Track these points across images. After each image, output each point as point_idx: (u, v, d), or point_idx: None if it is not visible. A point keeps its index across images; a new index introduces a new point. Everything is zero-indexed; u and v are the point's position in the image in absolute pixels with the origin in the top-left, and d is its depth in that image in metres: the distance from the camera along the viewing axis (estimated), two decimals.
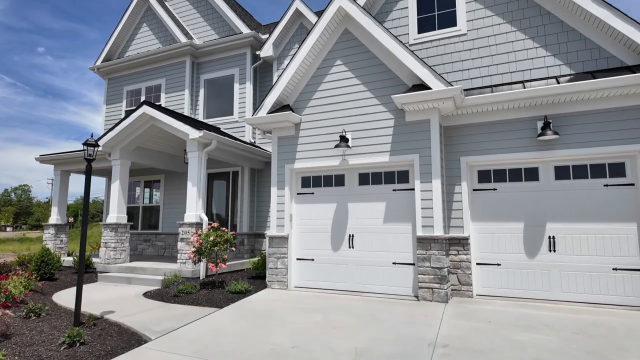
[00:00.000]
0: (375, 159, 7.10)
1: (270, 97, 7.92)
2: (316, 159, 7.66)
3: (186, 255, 8.67)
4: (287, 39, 11.70)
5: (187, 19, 13.36)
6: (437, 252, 6.44)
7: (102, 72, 14.21)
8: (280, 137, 8.05)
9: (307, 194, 7.89)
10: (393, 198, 7.10)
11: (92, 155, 5.45)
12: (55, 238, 11.94)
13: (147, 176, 13.14)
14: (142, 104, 9.51)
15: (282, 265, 7.66)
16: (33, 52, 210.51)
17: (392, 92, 7.04)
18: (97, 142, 5.50)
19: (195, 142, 9.07)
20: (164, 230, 12.67)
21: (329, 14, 7.51)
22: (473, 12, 7.39)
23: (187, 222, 8.84)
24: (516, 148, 6.70)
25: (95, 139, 5.54)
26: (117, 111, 13.86)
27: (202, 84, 12.73)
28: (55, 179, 12.40)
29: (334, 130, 7.53)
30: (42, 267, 8.66)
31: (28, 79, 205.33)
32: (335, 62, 7.72)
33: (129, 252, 10.30)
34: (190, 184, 9.10)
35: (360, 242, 7.28)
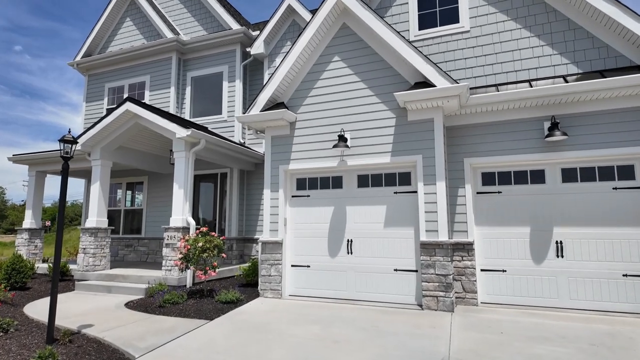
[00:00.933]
0: (376, 160, 6.74)
1: (263, 94, 7.49)
2: (312, 159, 7.25)
3: (172, 262, 8.12)
4: (279, 36, 11.29)
5: (174, 14, 12.81)
6: (442, 258, 6.11)
7: (82, 68, 13.50)
8: (274, 137, 7.62)
9: (302, 197, 7.47)
10: (394, 201, 6.75)
11: (69, 153, 4.92)
12: (29, 243, 11.18)
13: (130, 178, 12.48)
14: (126, 101, 8.94)
15: (275, 273, 7.20)
16: (9, 51, 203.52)
17: (393, 90, 6.70)
18: (75, 139, 4.97)
19: (183, 141, 8.55)
20: (147, 235, 12.03)
21: (327, 6, 7.14)
22: (476, 9, 7.14)
23: (173, 226, 8.30)
24: (522, 149, 6.44)
25: (73, 136, 5.00)
26: (98, 109, 13.17)
27: (188, 82, 12.18)
28: (30, 181, 11.64)
29: (331, 130, 7.15)
30: (13, 276, 7.97)
31: (4, 78, 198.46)
32: (332, 58, 7.35)
33: (110, 259, 9.66)
34: (177, 185, 8.57)
35: (359, 248, 6.89)
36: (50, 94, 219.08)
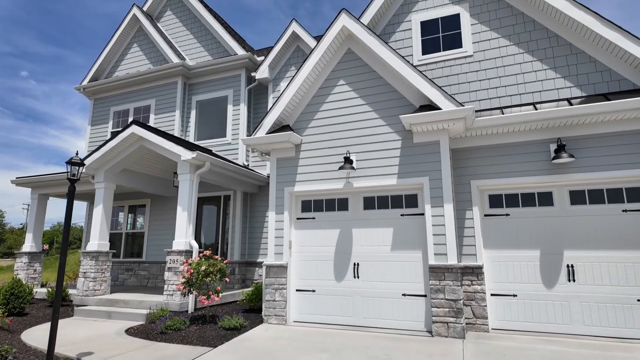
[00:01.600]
0: (382, 182, 6.71)
1: (269, 116, 7.54)
2: (318, 181, 7.22)
3: (174, 287, 7.96)
4: (283, 62, 11.50)
5: (180, 40, 13.11)
6: (451, 282, 5.97)
7: (88, 92, 13.70)
8: (279, 159, 7.62)
9: (307, 219, 7.39)
10: (401, 223, 6.67)
11: (75, 175, 4.89)
12: (28, 267, 11.00)
13: (132, 200, 12.42)
14: (132, 124, 9.00)
15: (280, 298, 7.03)
16: (16, 76, 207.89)
17: (398, 113, 6.75)
18: (82, 161, 4.96)
19: (187, 164, 8.55)
20: (148, 259, 11.86)
21: (332, 33, 7.29)
22: (478, 34, 7.29)
23: (176, 249, 8.18)
24: (528, 171, 6.42)
25: (80, 158, 4.99)
26: (103, 132, 13.26)
27: (193, 105, 12.32)
28: (32, 203, 11.57)
29: (337, 152, 7.15)
30: (12, 301, 7.79)
31: (9, 102, 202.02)
32: (338, 82, 7.44)
33: (110, 283, 9.47)
34: (180, 208, 8.51)
35: (366, 272, 6.76)
36: (53, 118, 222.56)
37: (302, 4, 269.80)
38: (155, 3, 13.65)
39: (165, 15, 13.62)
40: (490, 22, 7.24)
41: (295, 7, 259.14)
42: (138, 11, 13.29)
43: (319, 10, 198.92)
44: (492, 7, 7.29)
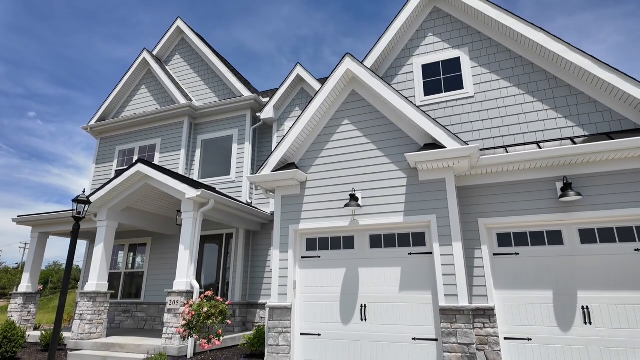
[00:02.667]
0: (388, 220, 6.64)
1: (275, 155, 7.62)
2: (323, 219, 7.16)
3: (173, 329, 7.66)
4: (288, 102, 11.80)
5: (187, 82, 13.53)
6: (463, 325, 5.74)
7: (95, 132, 13.94)
8: (285, 196, 7.60)
9: (312, 258, 7.25)
10: (409, 263, 6.53)
11: (81, 213, 4.85)
12: (22, 309, 10.66)
13: (132, 239, 12.26)
14: (137, 162, 9.07)
15: (284, 342, 6.74)
16: (23, 117, 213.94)
17: (403, 151, 6.82)
18: (88, 198, 4.94)
19: (192, 201, 8.52)
20: (146, 300, 11.51)
21: (337, 75, 7.53)
22: (479, 76, 7.52)
23: (177, 290, 7.95)
24: (535, 210, 6.38)
25: (86, 196, 4.97)
26: (107, 171, 13.35)
27: (198, 144, 12.50)
28: (32, 242, 11.42)
29: (342, 189, 7.15)
30: (4, 345, 7.46)
31: (16, 142, 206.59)
32: (342, 122, 7.59)
33: (106, 325, 9.12)
34: (183, 247, 8.37)
35: (373, 314, 6.52)
36: (56, 157, 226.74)
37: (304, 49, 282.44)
38: (165, 47, 14.24)
39: (173, 58, 14.16)
40: (490, 64, 7.51)
41: (297, 52, 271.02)
42: (148, 55, 13.84)
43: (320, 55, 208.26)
44: (491, 51, 7.58)
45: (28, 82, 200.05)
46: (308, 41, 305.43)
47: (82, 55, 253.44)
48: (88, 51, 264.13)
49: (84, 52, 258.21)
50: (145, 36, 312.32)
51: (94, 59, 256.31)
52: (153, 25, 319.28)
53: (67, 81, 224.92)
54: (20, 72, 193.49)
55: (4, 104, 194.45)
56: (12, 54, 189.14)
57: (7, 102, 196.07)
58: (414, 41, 8.37)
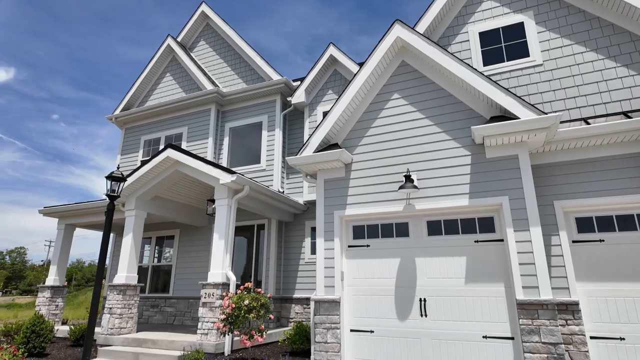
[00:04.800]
0: (450, 203, 5.88)
1: (316, 135, 6.94)
2: (372, 204, 6.45)
3: (210, 324, 7.09)
4: (320, 86, 11.11)
5: (213, 68, 12.99)
6: (547, 321, 4.95)
7: (120, 122, 13.56)
8: (328, 180, 6.92)
9: (360, 247, 6.55)
10: (475, 252, 5.75)
11: (115, 192, 4.28)
12: (50, 303, 10.32)
13: (160, 231, 11.81)
14: (167, 147, 8.54)
15: (333, 339, 6.07)
16: (47, 119, 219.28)
17: (465, 125, 6.05)
18: (124, 175, 4.36)
19: (225, 188, 7.94)
20: (175, 294, 11.04)
21: (385, 45, 6.79)
22: (547, 42, 6.66)
23: (212, 282, 7.39)
24: (621, 190, 5.52)
25: (121, 172, 4.40)
26: (133, 161, 12.94)
27: (226, 132, 11.94)
28: (58, 234, 11.09)
29: (393, 170, 6.42)
30: (32, 339, 7.03)
31: (40, 144, 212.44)
32: (391, 96, 6.84)
33: (137, 320, 8.65)
34: (217, 236, 7.80)
35: (435, 309, 5.78)
36: (79, 158, 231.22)
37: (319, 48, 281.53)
38: (189, 34, 13.73)
39: (198, 45, 13.64)
40: (560, 28, 6.63)
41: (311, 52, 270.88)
42: (172, 41, 13.35)
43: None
44: (561, 14, 6.71)
45: (51, 86, 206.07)
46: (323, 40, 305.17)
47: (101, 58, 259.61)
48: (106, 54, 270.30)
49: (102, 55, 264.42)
50: (162, 38, 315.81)
51: (112, 62, 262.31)
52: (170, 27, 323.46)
53: (87, 84, 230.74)
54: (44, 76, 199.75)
55: (30, 107, 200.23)
56: (36, 59, 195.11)
57: (33, 105, 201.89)
58: (468, 7, 7.54)
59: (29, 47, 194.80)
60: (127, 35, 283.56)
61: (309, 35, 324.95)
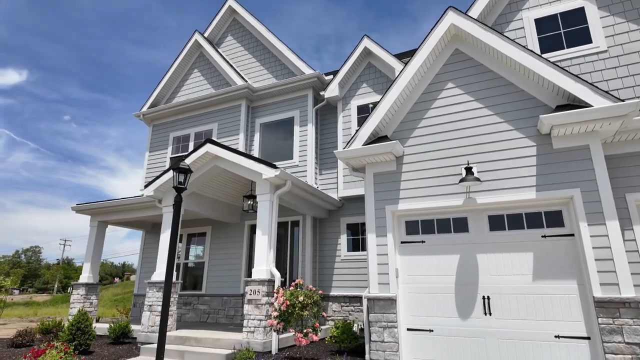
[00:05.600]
0: (515, 197, 5.61)
1: (366, 127, 6.71)
2: (427, 198, 6.20)
3: (256, 322, 6.93)
4: (354, 79, 10.88)
5: (241, 63, 12.84)
6: (631, 321, 4.66)
7: (147, 119, 13.50)
8: (377, 174, 6.69)
9: (415, 243, 6.31)
10: (543, 247, 5.47)
11: (182, 183, 4.12)
12: (84, 300, 10.29)
13: (191, 228, 11.71)
14: (206, 142, 8.40)
15: (390, 338, 5.84)
16: (59, 120, 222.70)
17: (530, 115, 5.76)
18: (189, 167, 4.19)
19: (267, 183, 7.76)
20: (208, 292, 10.93)
21: (438, 33, 6.53)
22: (612, 27, 6.34)
23: (257, 278, 7.21)
24: None
25: (187, 164, 4.24)
26: (161, 158, 12.87)
27: (257, 128, 11.78)
28: (91, 232, 11.04)
29: (450, 163, 6.17)
30: (78, 337, 6.94)
31: (51, 144, 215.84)
32: (445, 86, 6.58)
33: (176, 318, 8.53)
34: (260, 232, 7.63)
35: (500, 307, 5.52)
36: (90, 159, 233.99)
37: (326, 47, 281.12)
38: (216, 30, 13.60)
39: (225, 40, 13.50)
40: (626, 12, 6.31)
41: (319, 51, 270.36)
42: (200, 37, 13.24)
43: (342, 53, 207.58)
44: None
45: (62, 87, 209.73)
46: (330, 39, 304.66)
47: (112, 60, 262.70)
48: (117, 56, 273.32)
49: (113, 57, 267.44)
50: (171, 39, 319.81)
51: (122, 63, 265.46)
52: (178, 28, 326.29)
53: (98, 85, 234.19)
54: (55, 78, 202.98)
55: (42, 108, 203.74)
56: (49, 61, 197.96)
57: (44, 107, 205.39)
58: None
59: (41, 49, 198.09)
60: (135, 37, 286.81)
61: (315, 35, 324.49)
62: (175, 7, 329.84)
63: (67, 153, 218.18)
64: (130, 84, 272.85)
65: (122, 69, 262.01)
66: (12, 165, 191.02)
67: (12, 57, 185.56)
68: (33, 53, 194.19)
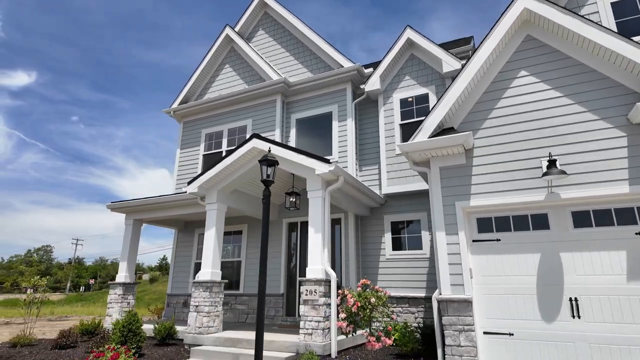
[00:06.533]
0: (604, 191, 5.22)
1: (432, 118, 6.36)
2: (502, 193, 5.83)
3: (314, 323, 6.62)
4: (395, 72, 10.51)
5: (274, 57, 12.53)
6: None
7: (177, 115, 13.27)
8: (444, 168, 6.33)
9: (488, 241, 5.94)
10: (638, 245, 5.07)
11: (270, 176, 3.81)
12: (122, 300, 10.08)
13: (227, 227, 11.29)
14: (252, 137, 8.11)
15: (467, 342, 5.49)
16: (67, 121, 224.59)
17: (616, 104, 5.37)
18: (276, 159, 3.89)
19: (319, 179, 7.45)
20: (246, 291, 10.67)
21: (509, 19, 6.16)
22: None
23: (313, 278, 6.90)
24: None
25: (273, 155, 3.92)
26: (193, 156, 12.62)
27: (292, 124, 11.47)
28: (126, 230, 10.84)
29: (526, 156, 5.79)
30: (129, 338, 6.69)
31: (60, 145, 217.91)
32: (518, 74, 6.20)
33: (222, 319, 8.26)
34: (313, 230, 7.32)
35: (590, 309, 5.13)
36: (98, 159, 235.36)
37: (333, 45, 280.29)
38: (247, 24, 13.31)
39: (256, 35, 13.21)
40: None
41: None
42: (231, 31, 12.97)
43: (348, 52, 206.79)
44: None
45: (71, 89, 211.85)
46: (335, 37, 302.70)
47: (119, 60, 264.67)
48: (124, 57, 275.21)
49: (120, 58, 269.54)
50: (177, 39, 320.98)
51: (129, 64, 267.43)
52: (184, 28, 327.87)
53: (105, 86, 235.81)
54: (64, 79, 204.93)
55: (50, 109, 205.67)
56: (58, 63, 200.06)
57: (52, 107, 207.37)
58: None
59: (49, 50, 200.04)
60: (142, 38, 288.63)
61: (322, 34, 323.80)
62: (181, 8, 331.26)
63: (74, 153, 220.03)
64: (136, 84, 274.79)
65: (128, 70, 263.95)
66: (22, 166, 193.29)
67: (21, 59, 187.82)
68: (41, 55, 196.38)
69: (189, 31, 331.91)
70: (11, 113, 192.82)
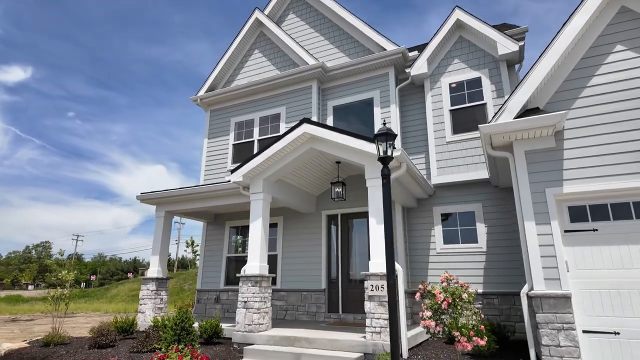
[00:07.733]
0: None
1: (515, 98, 5.81)
2: (600, 179, 5.30)
3: (382, 321, 6.11)
4: (443, 54, 9.92)
5: (307, 41, 11.92)
6: None
7: (204, 103, 12.68)
8: (530, 152, 5.78)
9: (584, 232, 5.41)
10: None
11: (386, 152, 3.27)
12: (155, 296, 9.56)
13: None
14: (302, 122, 7.55)
15: (567, 342, 4.97)
16: (63, 117, 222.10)
17: None
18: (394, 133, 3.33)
19: (380, 166, 6.87)
20: (283, 287, 10.15)
21: None
22: None
23: (378, 272, 6.40)
24: None
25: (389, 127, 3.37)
26: (222, 145, 12.05)
27: (329, 111, 10.91)
28: (158, 222, 10.28)
29: (629, 137, 5.26)
30: (183, 337, 6.17)
31: (56, 141, 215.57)
32: (612, 49, 5.64)
33: (271, 315, 7.74)
34: (375, 220, 6.80)
35: None
36: (94, 155, 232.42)
37: None
38: (276, 8, 12.68)
39: (287, 19, 12.60)
40: None
41: None
42: (261, 14, 12.35)
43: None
44: None
45: (68, 84, 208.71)
46: None
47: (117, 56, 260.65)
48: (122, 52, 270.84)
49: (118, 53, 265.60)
50: (176, 35, 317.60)
51: (128, 60, 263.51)
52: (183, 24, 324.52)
53: (103, 82, 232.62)
54: (61, 75, 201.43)
55: (46, 105, 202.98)
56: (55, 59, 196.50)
57: (49, 103, 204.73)
58: None
59: (45, 45, 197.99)
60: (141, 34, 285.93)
61: None
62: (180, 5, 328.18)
63: (70, 149, 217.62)
64: (135, 80, 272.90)
65: (127, 66, 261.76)
66: (19, 162, 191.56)
67: (17, 54, 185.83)
68: (37, 50, 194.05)
69: (188, 27, 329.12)
70: (7, 109, 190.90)
